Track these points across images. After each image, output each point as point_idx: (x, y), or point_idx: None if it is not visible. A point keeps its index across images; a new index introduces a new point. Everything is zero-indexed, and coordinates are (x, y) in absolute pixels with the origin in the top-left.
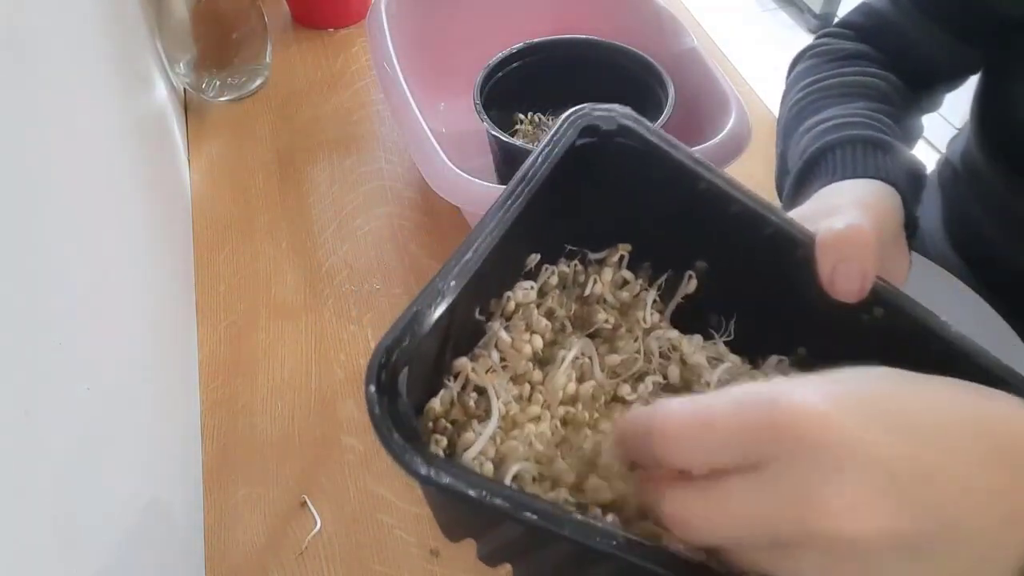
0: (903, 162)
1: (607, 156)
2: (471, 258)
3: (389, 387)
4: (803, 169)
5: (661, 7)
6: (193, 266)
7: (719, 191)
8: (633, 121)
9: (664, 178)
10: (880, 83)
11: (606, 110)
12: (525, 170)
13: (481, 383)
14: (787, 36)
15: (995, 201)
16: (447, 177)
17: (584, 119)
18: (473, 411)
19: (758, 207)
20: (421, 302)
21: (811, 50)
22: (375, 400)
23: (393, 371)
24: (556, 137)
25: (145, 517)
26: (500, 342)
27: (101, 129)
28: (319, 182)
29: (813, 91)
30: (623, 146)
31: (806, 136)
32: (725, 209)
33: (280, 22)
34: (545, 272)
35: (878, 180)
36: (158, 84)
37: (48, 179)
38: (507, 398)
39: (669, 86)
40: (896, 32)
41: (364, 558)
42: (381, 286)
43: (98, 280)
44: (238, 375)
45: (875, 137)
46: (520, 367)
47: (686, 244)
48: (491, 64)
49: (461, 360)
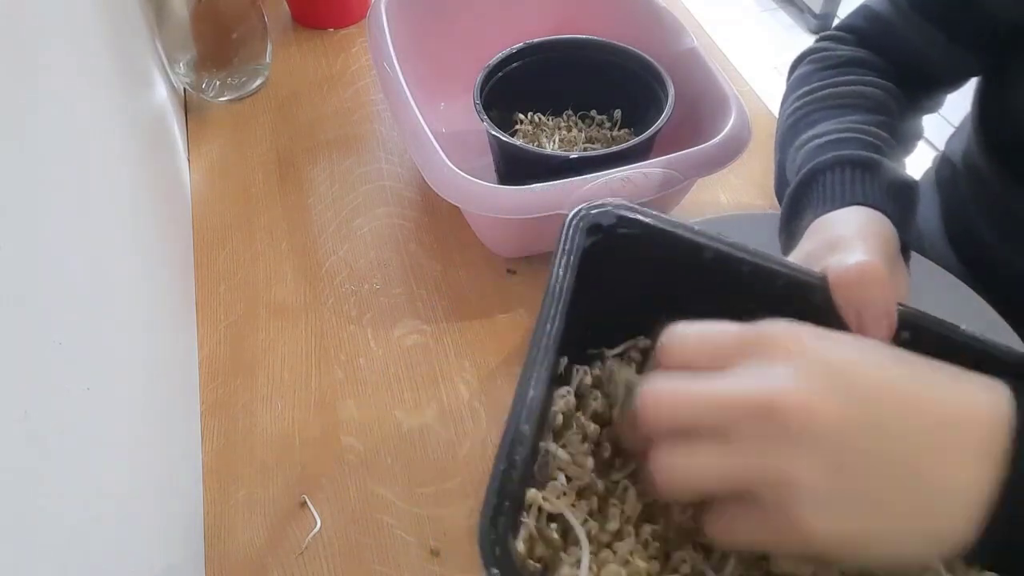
0: (894, 182)
1: (613, 250)
2: (534, 395)
3: (505, 560)
4: (795, 193)
5: (661, 7)
6: (193, 266)
7: (725, 255)
8: (628, 210)
9: (671, 256)
10: (876, 92)
11: (600, 206)
12: (552, 287)
13: (556, 510)
14: (787, 36)
15: (994, 201)
16: (447, 177)
17: (586, 220)
18: (557, 543)
19: (766, 262)
20: (505, 459)
21: (809, 55)
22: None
23: (505, 543)
24: (567, 246)
25: (145, 517)
26: (560, 462)
27: (101, 129)
28: (319, 182)
29: (808, 102)
30: (626, 236)
31: (800, 153)
32: (737, 271)
33: (280, 22)
34: (577, 374)
35: (868, 207)
36: (158, 84)
37: (48, 179)
38: (582, 517)
39: (669, 86)
40: (896, 36)
41: (364, 558)
42: (381, 286)
43: (98, 280)
44: (238, 375)
45: (864, 158)
46: (585, 480)
47: (706, 313)
48: (491, 64)
49: (531, 492)
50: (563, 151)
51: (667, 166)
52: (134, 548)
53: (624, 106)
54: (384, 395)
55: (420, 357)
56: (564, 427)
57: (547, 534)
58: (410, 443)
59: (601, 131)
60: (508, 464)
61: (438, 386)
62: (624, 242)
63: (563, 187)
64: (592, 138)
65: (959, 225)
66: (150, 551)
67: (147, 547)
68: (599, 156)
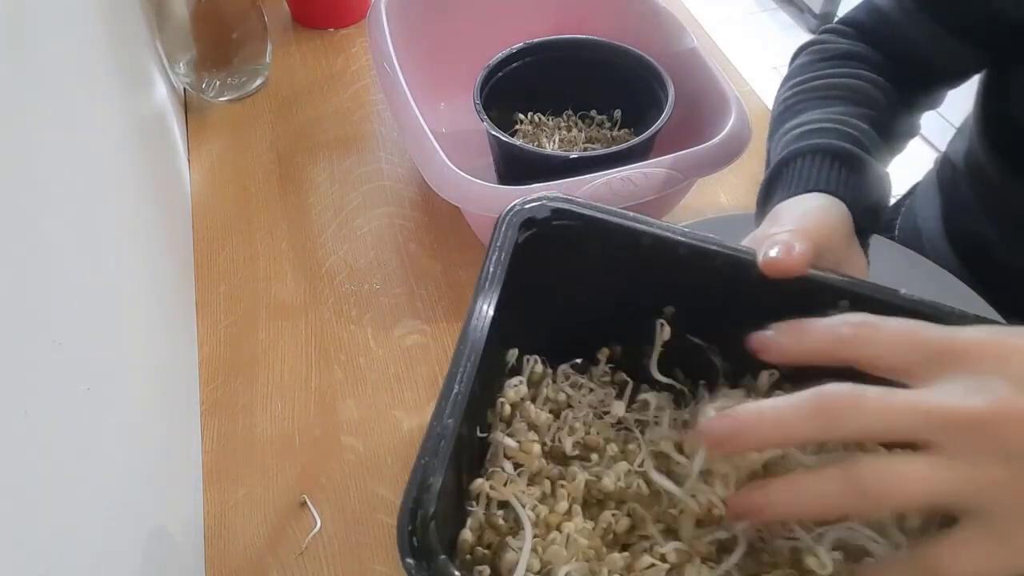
0: (861, 172)
1: (550, 242)
2: (459, 391)
3: (424, 550)
4: (768, 179)
5: (661, 7)
6: (193, 266)
7: (663, 239)
8: (564, 202)
9: (610, 244)
10: (865, 85)
11: (536, 200)
12: (480, 283)
13: (503, 497)
14: (787, 36)
15: (997, 201)
16: (447, 177)
17: (519, 215)
18: (505, 529)
19: (702, 243)
20: (427, 452)
21: (809, 46)
22: (413, 569)
23: (423, 532)
24: (498, 242)
25: (145, 517)
26: (508, 450)
27: (101, 129)
28: (319, 182)
29: (799, 92)
30: (564, 228)
31: (782, 140)
32: (675, 254)
33: (280, 22)
34: (528, 363)
35: (826, 193)
36: (158, 84)
37: (48, 179)
38: (531, 503)
39: (669, 86)
40: (897, 31)
41: (364, 558)
42: (381, 286)
43: (98, 280)
44: (238, 375)
45: (837, 147)
46: (534, 466)
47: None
48: (491, 64)
49: (477, 482)
50: (563, 151)
51: (667, 166)
52: (134, 548)
53: (624, 106)
54: (384, 395)
55: (420, 357)
56: (512, 416)
57: (494, 521)
58: (410, 443)
59: (601, 131)
60: (428, 457)
61: (438, 386)
62: (561, 234)
63: (563, 187)
64: (592, 138)
65: (960, 225)
66: (150, 551)
67: (147, 547)
68: (599, 156)
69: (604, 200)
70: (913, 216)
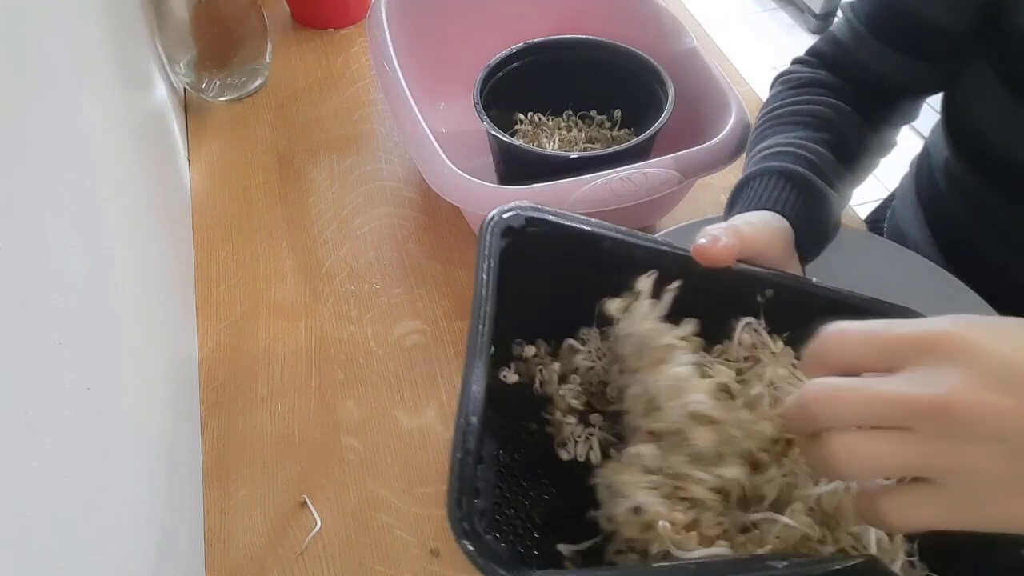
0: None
1: (525, 249)
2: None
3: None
4: (731, 196)
5: (661, 7)
6: (193, 266)
7: (621, 242)
8: (534, 210)
9: (577, 248)
10: (826, 111)
11: (511, 209)
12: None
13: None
14: (787, 36)
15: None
16: (447, 177)
17: (499, 224)
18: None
19: (655, 244)
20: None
21: (781, 76)
22: (474, 554)
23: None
24: (486, 251)
25: (145, 517)
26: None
27: (101, 129)
28: (319, 182)
29: (767, 119)
30: (536, 235)
31: (750, 163)
32: (632, 255)
33: (280, 22)
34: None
35: (772, 212)
36: (158, 84)
37: (48, 179)
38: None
39: (669, 86)
40: (854, 57)
41: (364, 558)
42: (381, 286)
43: (98, 280)
44: (238, 375)
45: (790, 170)
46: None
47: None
48: (491, 64)
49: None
50: (563, 151)
51: (667, 166)
52: (134, 548)
53: (624, 106)
54: (384, 395)
55: (420, 357)
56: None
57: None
58: (410, 443)
59: (601, 131)
60: (464, 452)
61: (438, 386)
62: (535, 240)
63: (563, 187)
64: (592, 138)
65: (945, 227)
66: (150, 551)
67: (147, 547)
68: (599, 156)
69: (605, 200)
70: (896, 220)
